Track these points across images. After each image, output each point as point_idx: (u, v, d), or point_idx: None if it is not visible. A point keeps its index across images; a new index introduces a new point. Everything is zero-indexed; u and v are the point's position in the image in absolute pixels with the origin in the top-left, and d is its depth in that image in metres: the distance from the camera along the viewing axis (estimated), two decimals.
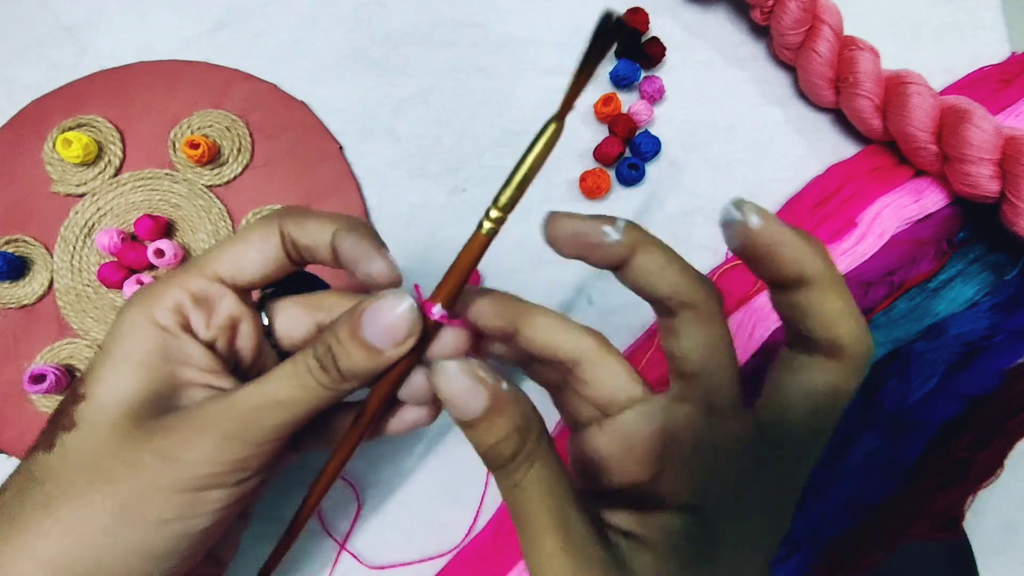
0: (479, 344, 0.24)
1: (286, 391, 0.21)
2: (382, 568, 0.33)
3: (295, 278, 0.26)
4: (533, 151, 0.19)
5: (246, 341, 0.24)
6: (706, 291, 0.19)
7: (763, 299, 0.35)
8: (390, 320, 0.20)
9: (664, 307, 0.20)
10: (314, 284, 0.30)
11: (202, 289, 0.23)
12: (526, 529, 0.19)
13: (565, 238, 0.20)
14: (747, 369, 0.34)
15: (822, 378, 0.17)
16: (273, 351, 0.25)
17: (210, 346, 0.23)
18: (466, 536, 0.33)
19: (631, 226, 0.19)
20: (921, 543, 0.32)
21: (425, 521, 0.33)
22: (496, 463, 0.19)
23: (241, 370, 0.25)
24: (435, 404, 0.25)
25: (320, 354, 0.21)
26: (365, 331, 0.20)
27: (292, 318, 0.25)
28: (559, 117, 0.19)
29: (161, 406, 0.22)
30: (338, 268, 0.23)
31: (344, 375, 0.21)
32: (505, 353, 0.24)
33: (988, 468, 0.32)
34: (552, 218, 0.20)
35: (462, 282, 0.21)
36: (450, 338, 0.22)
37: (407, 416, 0.25)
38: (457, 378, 0.18)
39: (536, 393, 0.22)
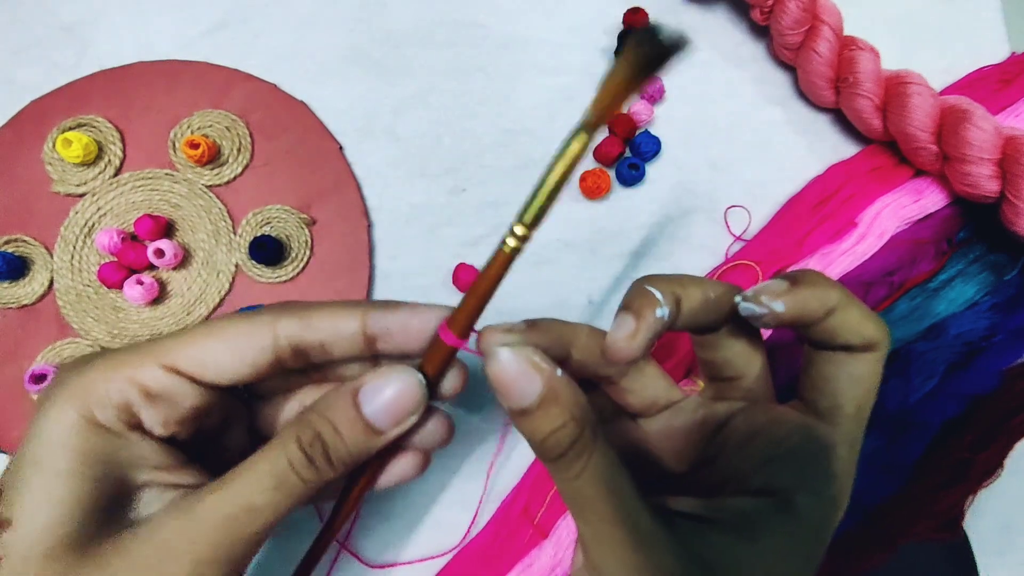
0: None
1: (261, 496, 0.18)
2: (382, 568, 0.33)
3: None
4: (560, 163, 0.18)
5: (214, 423, 0.21)
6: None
7: None
8: (397, 397, 0.19)
9: (706, 329, 0.21)
10: None
11: (157, 382, 0.19)
12: (589, 520, 0.18)
13: (642, 353, 0.19)
14: None
15: (866, 367, 0.20)
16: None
17: (168, 440, 0.20)
18: (465, 536, 0.33)
19: (659, 285, 0.19)
20: (921, 543, 0.32)
21: (425, 521, 0.33)
22: (554, 454, 0.18)
23: (203, 443, 0.21)
24: (427, 456, 0.23)
25: (307, 444, 0.18)
26: (366, 410, 0.19)
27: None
28: (590, 127, 0.17)
29: (109, 521, 0.18)
30: (365, 358, 0.21)
31: (335, 464, 0.19)
32: None
33: (988, 468, 0.32)
34: (613, 350, 0.19)
35: (483, 305, 0.19)
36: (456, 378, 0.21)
37: (395, 469, 0.23)
38: (512, 363, 0.17)
39: None
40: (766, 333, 0.34)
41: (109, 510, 0.18)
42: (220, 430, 0.22)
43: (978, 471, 0.31)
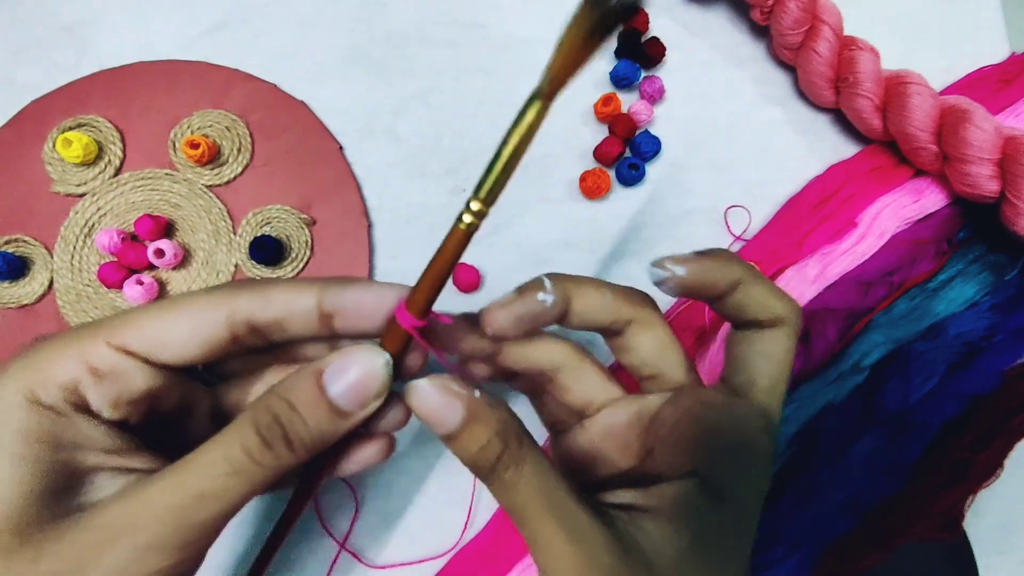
0: (461, 368, 0.24)
1: (213, 482, 0.17)
2: (382, 568, 0.33)
3: None
4: (515, 134, 0.17)
5: (169, 406, 0.20)
6: (642, 302, 0.22)
7: None
8: (362, 377, 0.18)
9: (611, 331, 0.22)
10: None
11: (105, 361, 0.18)
12: (527, 525, 0.19)
13: (511, 326, 0.20)
14: None
15: (775, 344, 0.21)
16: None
17: (118, 423, 0.19)
18: (462, 535, 0.33)
19: (556, 279, 0.21)
20: (921, 543, 0.32)
21: (425, 521, 0.33)
22: (484, 470, 0.19)
23: (160, 426, 0.20)
24: (391, 439, 0.23)
25: (264, 427, 0.18)
26: (331, 391, 0.18)
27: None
28: (547, 95, 0.17)
29: (56, 505, 0.17)
30: (323, 337, 0.20)
31: (296, 448, 0.18)
32: (486, 373, 0.24)
33: (988, 468, 0.32)
34: (486, 316, 0.20)
35: (439, 286, 0.19)
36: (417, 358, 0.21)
37: (360, 456, 0.22)
38: (431, 395, 0.18)
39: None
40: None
41: (55, 494, 0.17)
42: (180, 415, 0.21)
43: (978, 471, 0.31)
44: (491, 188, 0.18)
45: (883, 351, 0.34)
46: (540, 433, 0.24)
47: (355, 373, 0.18)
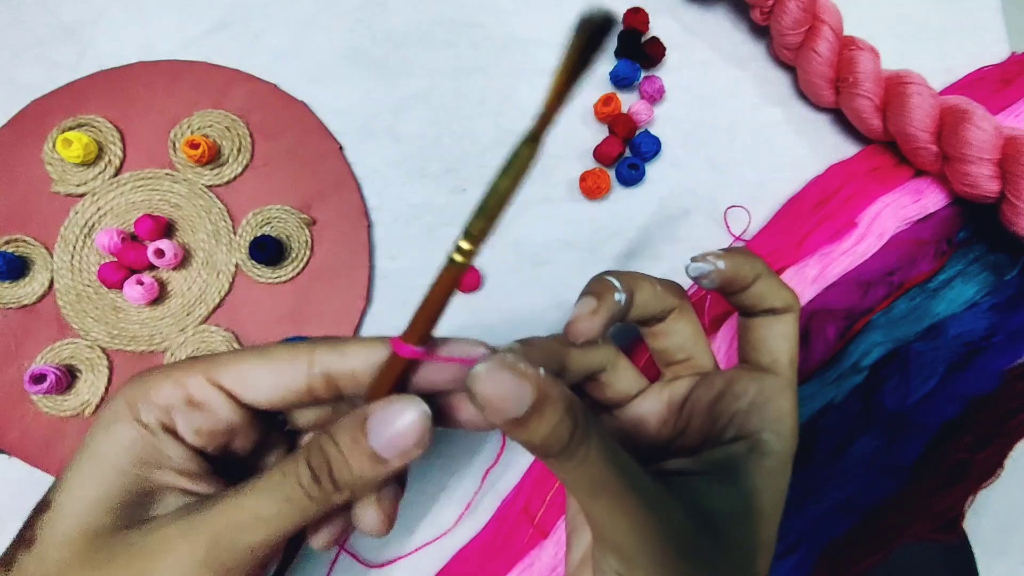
0: None
1: (268, 506, 0.19)
2: (381, 567, 0.33)
3: None
4: (505, 176, 0.17)
5: (244, 445, 0.22)
6: (681, 292, 0.25)
7: None
8: (401, 429, 0.19)
9: (654, 320, 0.24)
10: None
11: (199, 392, 0.20)
12: (600, 498, 0.18)
13: (599, 331, 0.21)
14: None
15: (789, 326, 0.24)
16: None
17: (197, 449, 0.21)
18: (460, 518, 0.33)
19: (618, 277, 0.22)
20: (921, 544, 0.32)
21: (425, 521, 0.33)
22: (555, 450, 0.18)
23: (235, 466, 0.22)
24: (389, 515, 0.22)
25: (316, 466, 0.19)
26: (372, 440, 0.19)
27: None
28: (533, 138, 0.17)
29: (131, 515, 0.19)
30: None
31: (339, 486, 0.19)
32: None
33: (988, 468, 0.32)
34: (577, 328, 0.21)
35: (434, 320, 0.19)
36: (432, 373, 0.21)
37: (363, 521, 0.22)
38: (503, 379, 0.17)
39: None
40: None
41: (129, 506, 0.19)
42: (255, 454, 0.23)
43: (978, 471, 0.31)
44: (482, 228, 0.18)
45: (883, 351, 0.34)
46: None
47: (395, 425, 0.19)
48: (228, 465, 0.22)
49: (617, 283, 0.22)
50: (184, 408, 0.20)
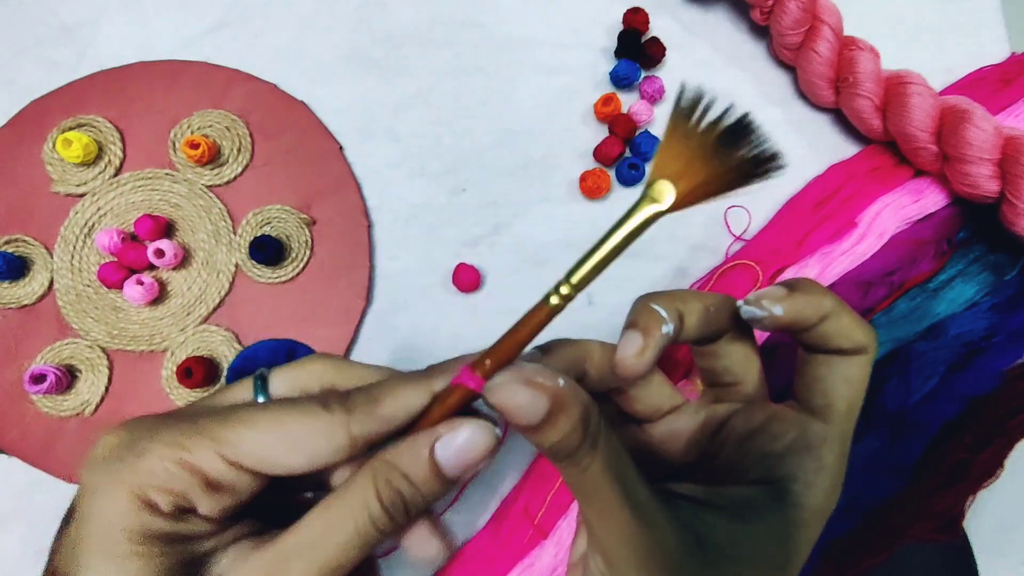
0: None
1: (341, 552, 0.18)
2: (379, 557, 0.32)
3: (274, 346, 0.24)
4: (621, 231, 0.18)
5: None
6: (733, 312, 0.22)
7: None
8: (473, 450, 0.19)
9: (707, 340, 0.23)
10: (294, 351, 0.30)
11: (218, 473, 0.19)
12: (594, 503, 0.19)
13: (647, 368, 0.20)
14: None
15: (857, 370, 0.21)
16: None
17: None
18: (453, 502, 0.33)
19: (663, 302, 0.21)
20: (921, 544, 0.32)
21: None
22: (562, 456, 0.18)
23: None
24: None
25: (389, 503, 0.19)
26: (445, 466, 0.19)
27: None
28: (669, 209, 0.18)
29: None
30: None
31: (412, 516, 0.19)
32: None
33: (988, 468, 0.32)
34: (625, 368, 0.20)
35: (517, 354, 0.20)
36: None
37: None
38: (517, 392, 0.18)
39: None
40: (762, 337, 0.34)
41: (184, 574, 0.18)
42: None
43: (978, 471, 0.31)
44: (584, 276, 0.19)
45: (883, 351, 0.34)
46: None
47: (472, 451, 0.19)
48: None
49: (664, 313, 0.20)
50: (202, 491, 0.19)
